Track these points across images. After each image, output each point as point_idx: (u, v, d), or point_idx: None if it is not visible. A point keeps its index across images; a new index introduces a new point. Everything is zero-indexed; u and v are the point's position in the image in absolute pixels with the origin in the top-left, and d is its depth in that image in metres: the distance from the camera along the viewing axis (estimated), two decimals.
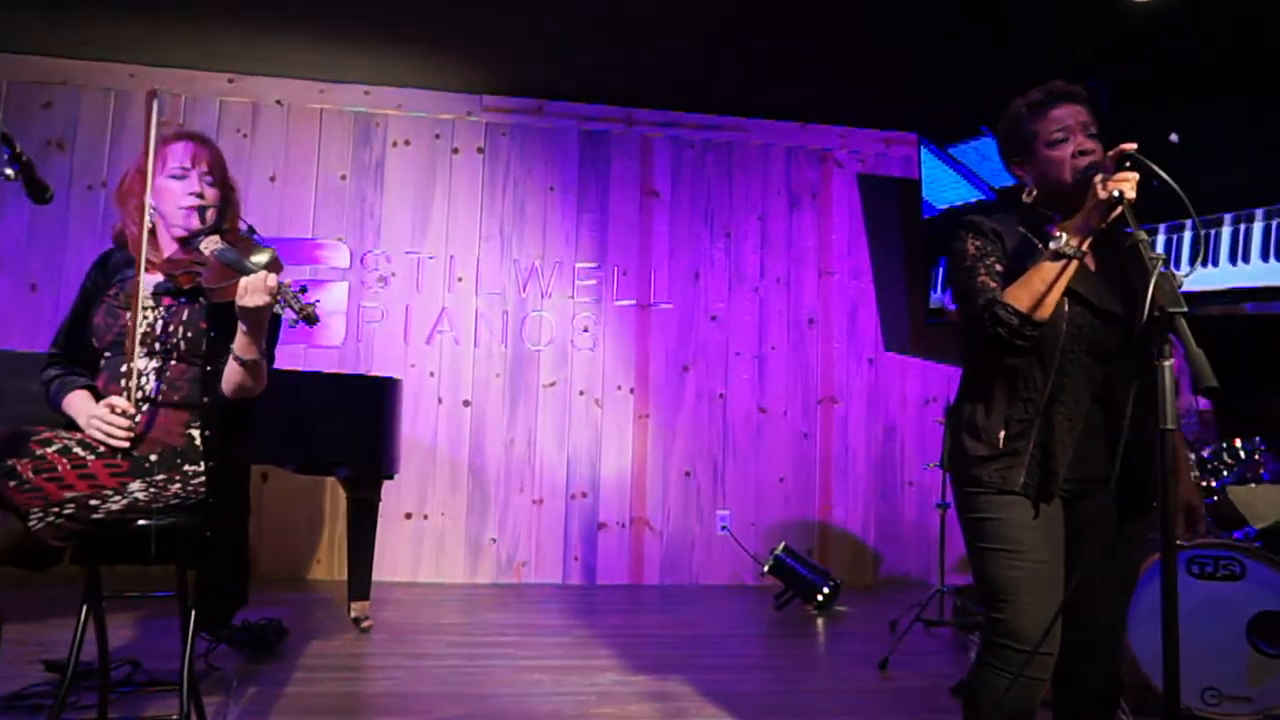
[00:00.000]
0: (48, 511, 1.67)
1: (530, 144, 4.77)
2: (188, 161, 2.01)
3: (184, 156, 2.01)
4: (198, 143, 2.04)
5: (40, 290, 4.41)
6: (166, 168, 2.00)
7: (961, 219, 1.72)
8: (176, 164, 2.00)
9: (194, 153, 2.02)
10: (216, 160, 2.06)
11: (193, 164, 2.01)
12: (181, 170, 2.00)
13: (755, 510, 4.76)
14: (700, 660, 3.12)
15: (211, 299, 1.89)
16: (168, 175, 2.00)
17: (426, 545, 4.51)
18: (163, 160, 2.01)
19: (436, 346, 4.59)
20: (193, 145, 2.03)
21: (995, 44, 3.94)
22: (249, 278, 1.79)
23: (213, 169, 2.04)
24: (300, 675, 2.80)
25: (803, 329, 4.89)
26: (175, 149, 2.02)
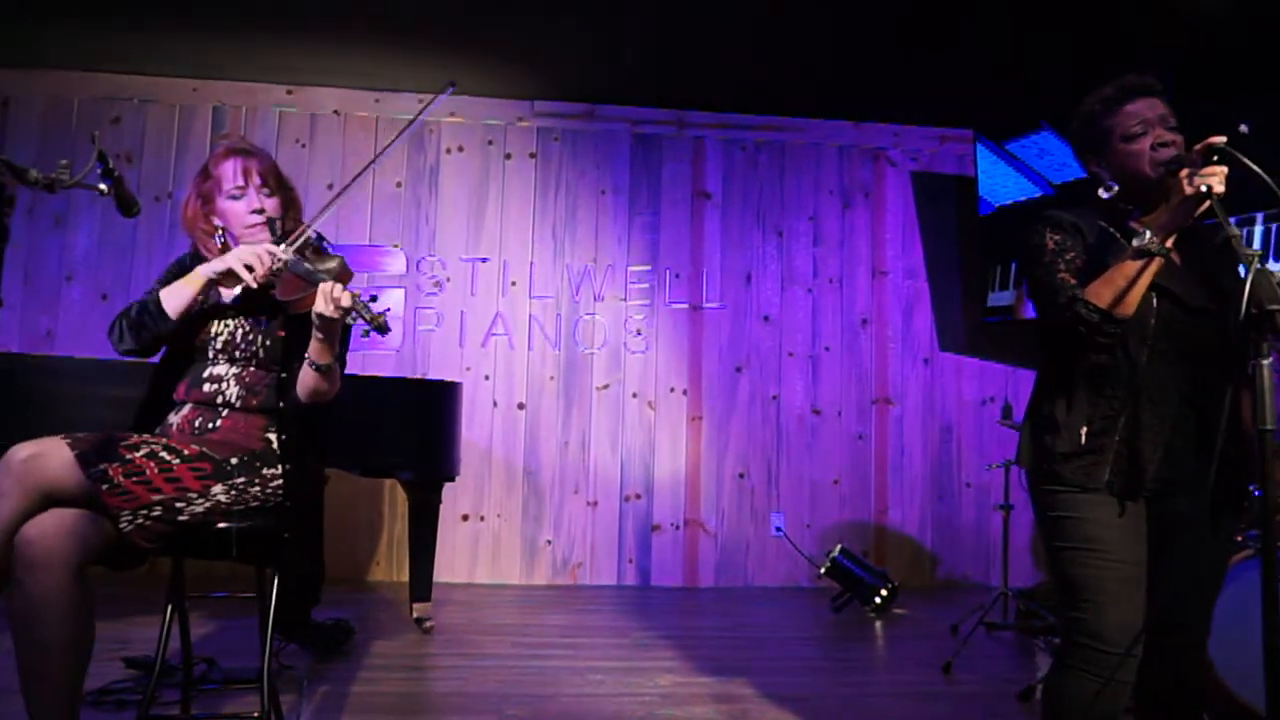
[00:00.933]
0: (137, 514, 1.72)
1: (582, 148, 4.80)
2: (240, 179, 2.03)
3: (236, 175, 2.03)
4: (244, 156, 2.05)
5: (111, 299, 4.54)
6: (223, 190, 2.03)
7: (1040, 213, 1.69)
8: (231, 184, 2.03)
9: (244, 167, 2.04)
10: (268, 168, 2.08)
11: (246, 180, 2.03)
12: (238, 189, 2.03)
13: (810, 512, 4.74)
14: (761, 662, 3.11)
15: (290, 311, 1.94)
16: (226, 197, 2.03)
17: (483, 547, 4.56)
18: (217, 182, 2.04)
19: (491, 350, 4.64)
20: (240, 160, 2.04)
21: (1054, 38, 3.87)
22: (323, 290, 1.82)
23: (266, 178, 2.06)
24: (367, 674, 2.85)
25: (856, 329, 4.85)
26: (225, 169, 2.03)
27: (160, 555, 1.82)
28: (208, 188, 2.04)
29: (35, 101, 4.60)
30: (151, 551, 1.78)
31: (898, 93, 4.58)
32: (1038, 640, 3.45)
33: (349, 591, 4.13)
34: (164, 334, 1.96)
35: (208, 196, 2.04)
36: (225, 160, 2.03)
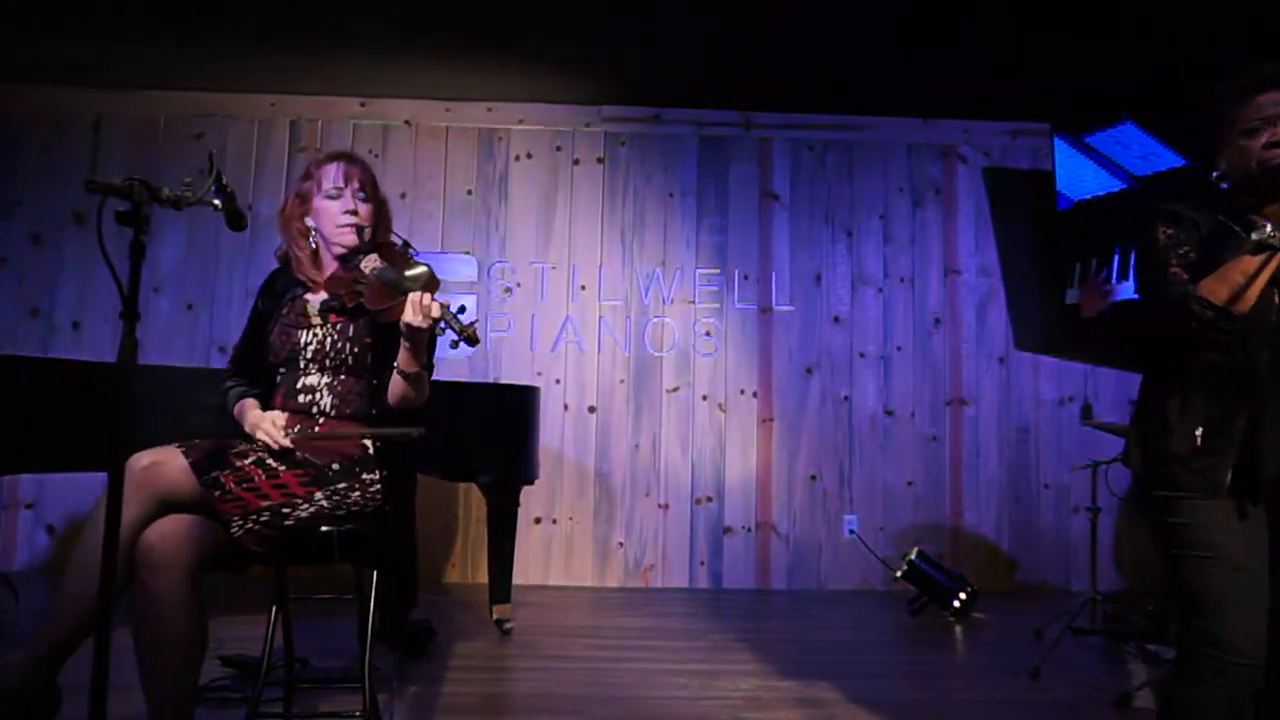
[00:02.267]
0: (246, 519, 1.78)
1: (649, 152, 4.82)
2: (340, 181, 2.11)
3: (337, 177, 2.11)
4: (348, 162, 2.13)
5: (196, 309, 4.71)
6: (321, 189, 2.11)
7: (1159, 207, 1.63)
8: (330, 184, 2.10)
9: (345, 172, 2.11)
10: (367, 177, 2.15)
11: (345, 183, 2.11)
12: (335, 190, 2.10)
13: (883, 514, 4.68)
14: (843, 666, 3.08)
15: (378, 320, 1.99)
16: (323, 196, 2.11)
17: (556, 549, 4.61)
18: (317, 182, 2.12)
19: (561, 354, 4.69)
20: (344, 165, 2.12)
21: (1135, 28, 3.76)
22: (412, 299, 1.86)
23: (364, 186, 2.13)
24: (452, 675, 2.90)
25: (929, 329, 4.78)
26: (328, 170, 2.12)
27: (266, 560, 1.88)
28: (307, 187, 2.11)
29: (124, 120, 4.79)
30: (259, 555, 1.84)
31: (969, 88, 4.50)
32: (1127, 646, 3.36)
33: (426, 593, 4.18)
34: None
35: (305, 195, 2.11)
36: (328, 163, 2.11)
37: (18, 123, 4.74)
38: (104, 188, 1.35)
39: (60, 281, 4.71)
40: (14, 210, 4.71)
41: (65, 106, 4.75)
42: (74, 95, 4.75)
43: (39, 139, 4.75)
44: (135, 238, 1.34)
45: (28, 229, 4.71)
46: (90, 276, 4.70)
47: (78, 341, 4.68)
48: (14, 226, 4.71)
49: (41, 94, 4.73)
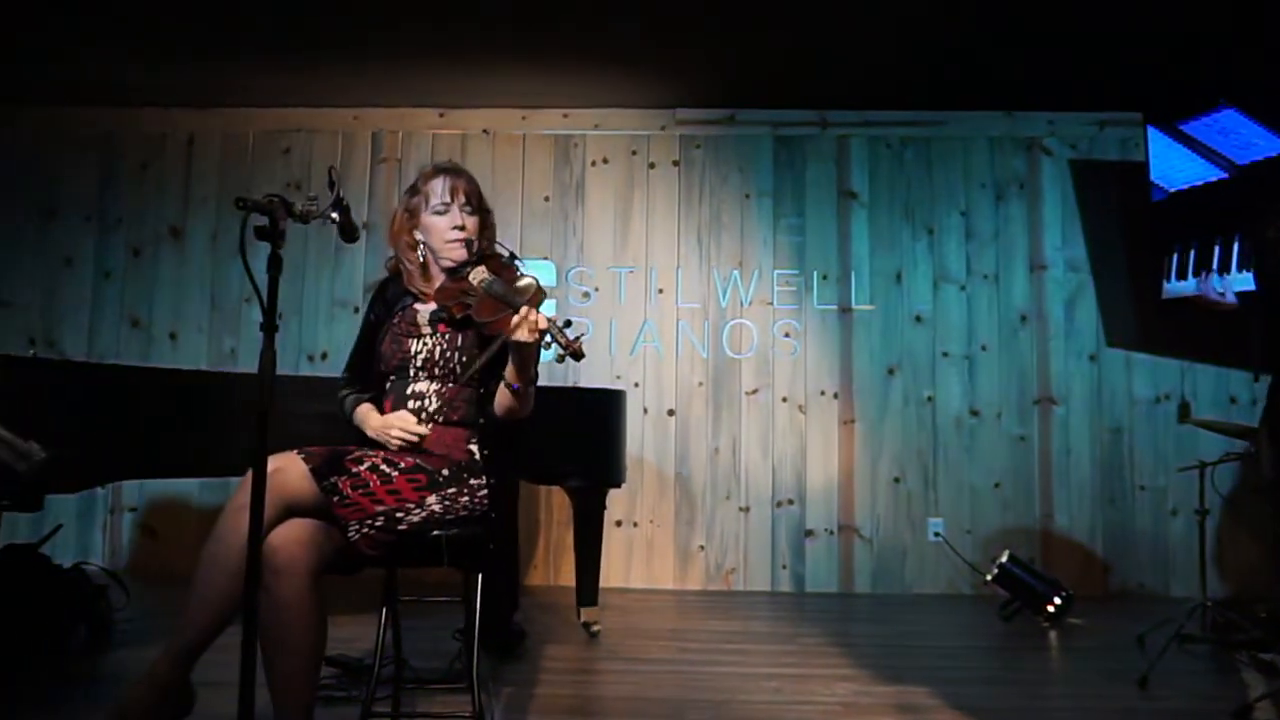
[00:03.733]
0: (363, 524, 1.83)
1: (724, 153, 4.81)
2: (447, 196, 2.14)
3: (444, 192, 2.14)
4: (453, 175, 2.17)
5: (285, 319, 4.84)
6: (429, 204, 2.15)
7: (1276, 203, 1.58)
8: (438, 200, 2.14)
9: (452, 185, 2.15)
10: (473, 189, 2.19)
11: (452, 197, 2.14)
12: (443, 205, 2.14)
13: (970, 517, 4.58)
14: (940, 672, 3.02)
15: (485, 332, 2.02)
16: (431, 212, 2.15)
17: (637, 552, 4.62)
18: (425, 197, 2.16)
19: (640, 358, 4.70)
20: (449, 178, 2.16)
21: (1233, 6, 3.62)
22: (519, 316, 1.87)
23: (470, 199, 2.17)
24: (545, 677, 2.92)
25: (1015, 327, 4.66)
26: (435, 185, 2.15)
27: (380, 563, 1.93)
28: (415, 203, 2.15)
29: (215, 137, 4.96)
30: (373, 559, 1.88)
31: (1053, 79, 4.38)
32: (1239, 655, 3.22)
33: None
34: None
35: (414, 211, 2.15)
36: (435, 178, 2.14)
37: (118, 143, 4.96)
38: (251, 205, 1.40)
39: (157, 293, 4.90)
40: (116, 226, 4.93)
41: (161, 126, 4.95)
42: (168, 115, 4.94)
43: (137, 158, 4.96)
44: (273, 252, 1.38)
45: (128, 243, 4.92)
46: (185, 288, 4.89)
47: (174, 351, 4.87)
48: (115, 241, 4.92)
49: (139, 115, 4.94)
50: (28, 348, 4.84)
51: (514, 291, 1.98)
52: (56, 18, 3.95)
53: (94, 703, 2.57)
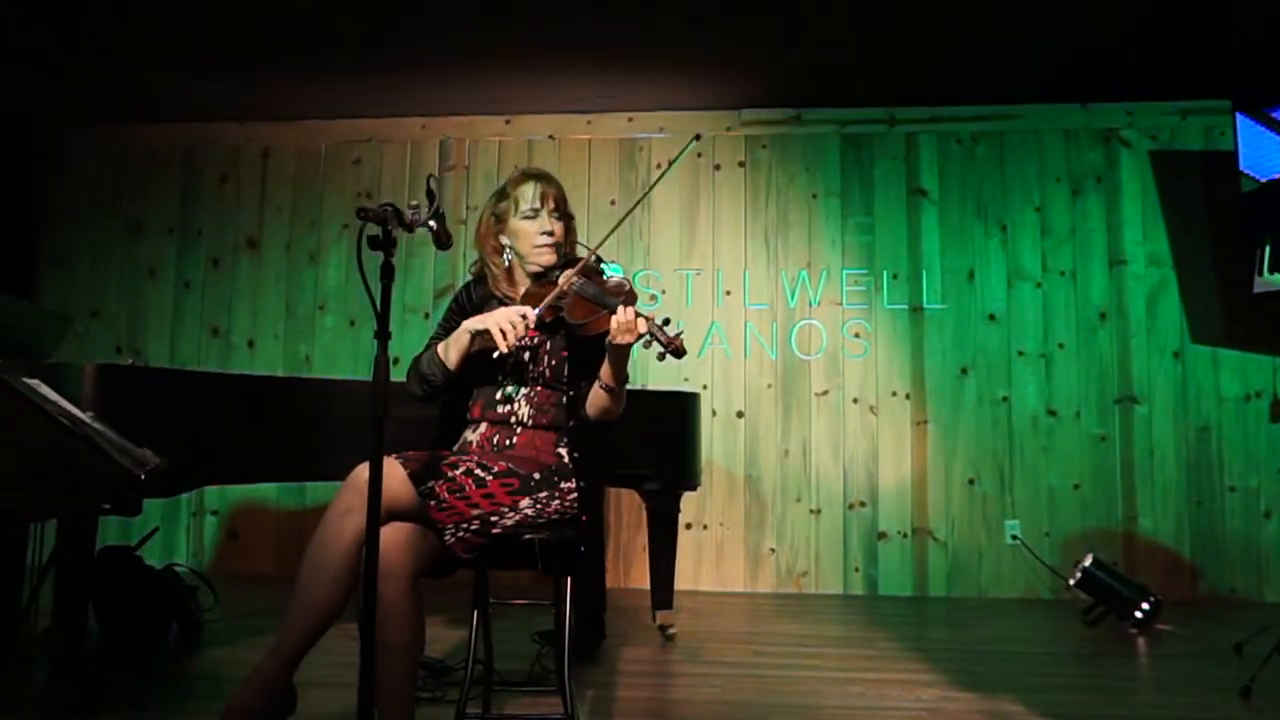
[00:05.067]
0: (458, 528, 1.86)
1: (790, 153, 4.78)
2: (537, 202, 2.17)
3: (534, 197, 2.17)
4: (543, 182, 2.20)
5: (358, 325, 4.95)
6: (518, 209, 2.18)
7: None
8: (527, 205, 2.17)
9: (541, 191, 2.18)
10: (561, 196, 2.22)
11: (541, 203, 2.17)
12: (532, 211, 2.17)
13: (1048, 520, 4.47)
14: (1026, 678, 2.96)
15: (578, 334, 2.03)
16: (520, 217, 2.17)
17: (707, 555, 4.61)
18: (514, 202, 2.19)
19: (708, 360, 4.69)
20: (540, 185, 2.19)
21: None
22: (620, 317, 1.88)
23: (558, 204, 2.20)
24: (625, 680, 2.93)
25: (1093, 324, 4.54)
26: (524, 190, 2.18)
27: (473, 566, 1.95)
28: (503, 207, 2.18)
29: (289, 149, 5.09)
30: (468, 562, 1.91)
31: (1132, 68, 4.26)
32: None
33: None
34: (448, 383, 2.08)
35: (501, 215, 2.18)
36: (524, 183, 2.17)
37: (198, 158, 5.12)
38: (371, 215, 1.43)
39: (235, 302, 5.04)
40: (196, 238, 5.08)
41: (238, 140, 5.10)
42: (245, 130, 5.09)
43: (215, 171, 5.11)
44: (385, 261, 1.41)
45: (207, 254, 5.07)
46: (261, 297, 5.02)
47: (252, 358, 5.00)
48: (196, 252, 5.08)
49: (218, 131, 5.09)
50: (115, 356, 5.04)
51: (606, 292, 1.99)
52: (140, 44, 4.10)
53: (189, 702, 2.66)
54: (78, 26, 4.00)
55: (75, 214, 5.15)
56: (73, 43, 4.16)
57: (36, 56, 4.30)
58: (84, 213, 5.14)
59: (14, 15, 3.86)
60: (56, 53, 4.27)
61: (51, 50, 4.24)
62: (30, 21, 3.92)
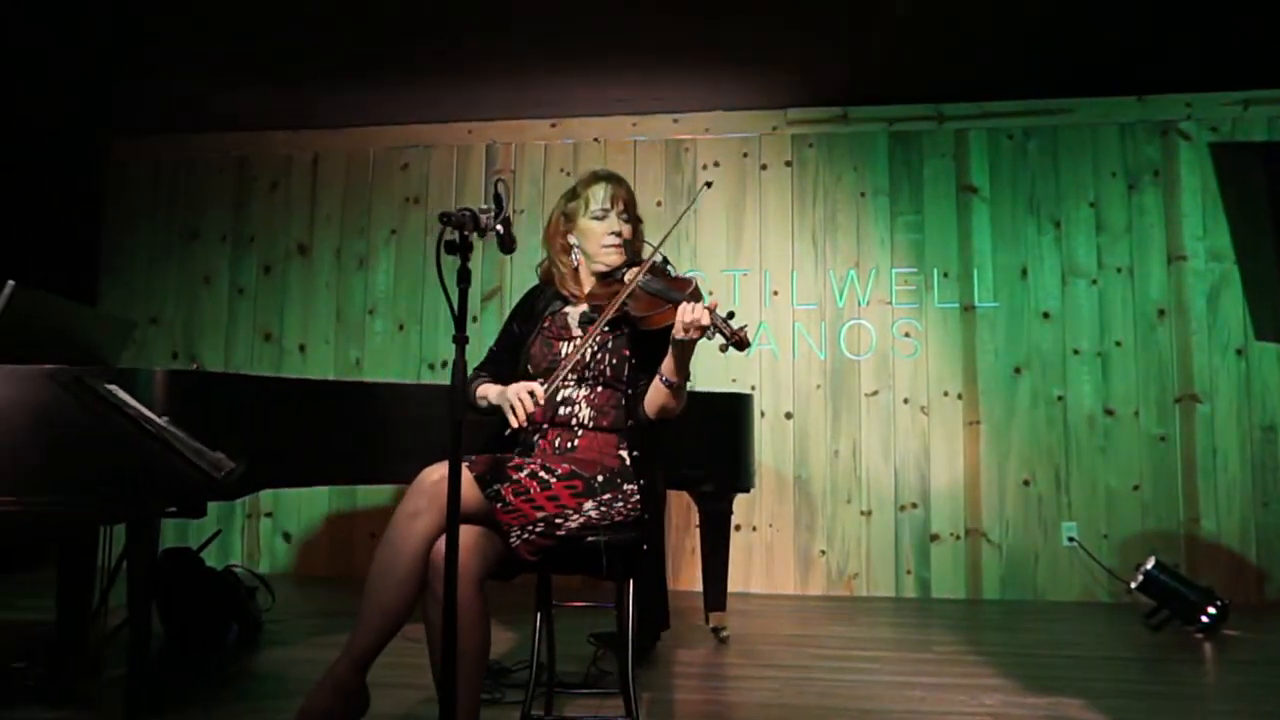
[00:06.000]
0: (524, 530, 1.86)
1: (838, 152, 4.74)
2: (607, 203, 2.18)
3: (604, 199, 2.18)
4: (614, 184, 2.21)
5: (406, 329, 5.00)
6: (588, 209, 2.19)
7: None
8: (597, 206, 2.18)
9: (612, 193, 2.19)
10: (630, 198, 2.22)
11: (611, 204, 2.18)
12: (602, 211, 2.17)
13: (1106, 521, 4.38)
14: (1090, 684, 2.89)
15: (640, 327, 2.03)
16: (589, 217, 2.18)
17: (757, 556, 4.58)
18: (584, 202, 2.20)
19: (756, 360, 4.67)
20: (610, 186, 2.20)
21: None
22: (687, 309, 1.88)
23: (627, 206, 2.20)
24: (680, 683, 2.92)
25: (1152, 321, 4.44)
26: (594, 191, 2.19)
27: (537, 569, 1.96)
28: (572, 207, 2.19)
29: (338, 156, 5.16)
30: (533, 565, 1.91)
31: (1190, 58, 4.15)
32: None
33: None
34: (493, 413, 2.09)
35: (571, 215, 2.19)
36: (594, 183, 2.19)
37: (250, 166, 5.21)
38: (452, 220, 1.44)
39: (287, 308, 5.12)
40: (248, 245, 5.18)
41: (289, 148, 5.18)
42: (296, 138, 5.17)
43: (267, 178, 5.20)
44: (462, 265, 1.42)
45: (259, 261, 5.16)
46: (312, 302, 5.09)
47: (304, 362, 5.08)
48: (248, 259, 5.17)
49: (270, 139, 5.18)
50: (172, 361, 5.14)
51: (671, 286, 1.99)
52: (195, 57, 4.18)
53: (254, 701, 2.70)
54: (136, 41, 4.09)
55: (133, 222, 5.27)
56: (132, 56, 4.25)
57: (97, 70, 4.41)
58: (141, 221, 5.26)
59: (76, 31, 3.96)
60: (116, 66, 4.37)
61: (111, 64, 4.34)
62: (91, 37, 4.02)
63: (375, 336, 5.04)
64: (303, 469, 2.67)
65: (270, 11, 3.81)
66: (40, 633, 3.25)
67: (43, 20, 3.85)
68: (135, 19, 3.88)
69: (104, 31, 4.00)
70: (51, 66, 4.36)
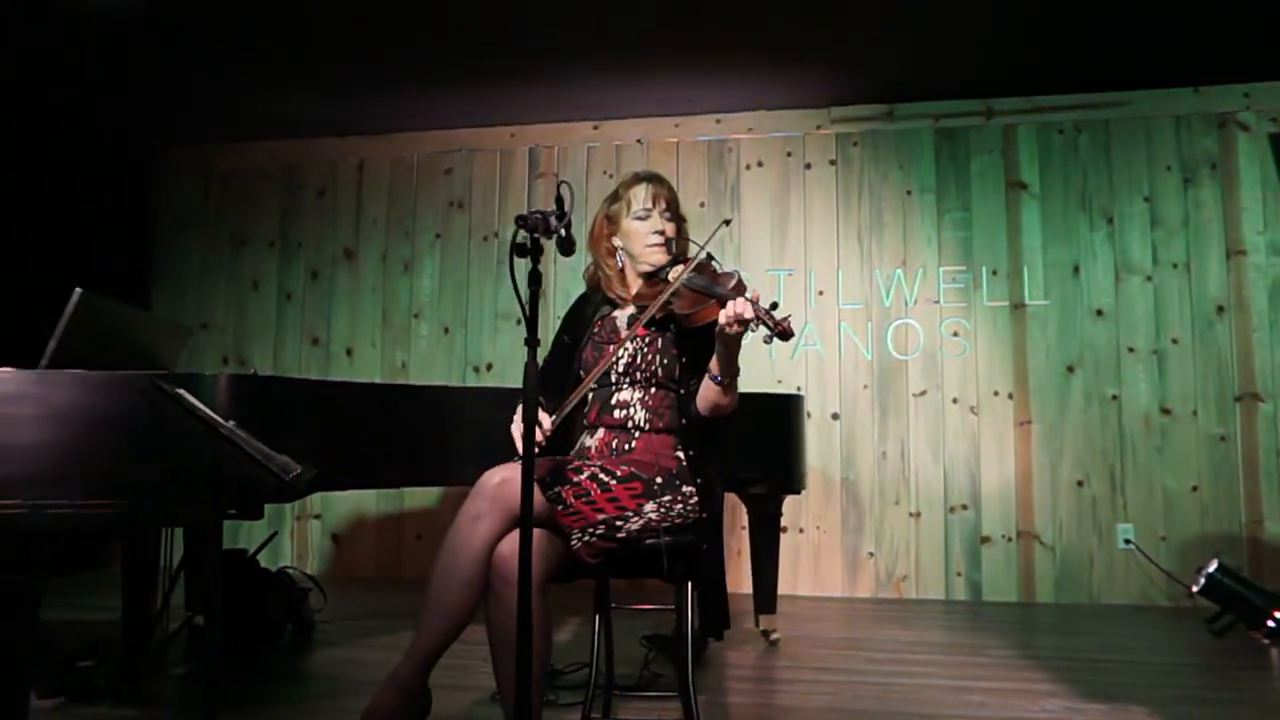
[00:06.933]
0: (585, 533, 1.86)
1: (883, 149, 4.69)
2: (649, 203, 2.17)
3: (646, 199, 2.17)
4: (656, 184, 2.20)
5: (451, 332, 5.04)
6: (630, 210, 2.18)
7: None
8: (640, 206, 2.17)
9: (654, 193, 2.18)
10: (672, 197, 2.21)
11: (653, 204, 2.17)
12: (645, 211, 2.17)
13: (1164, 523, 4.28)
14: (1152, 690, 2.83)
15: (685, 324, 2.02)
16: (632, 217, 2.18)
17: (804, 559, 4.55)
18: (626, 204, 2.19)
19: (802, 361, 4.63)
20: (652, 186, 2.19)
21: None
22: (731, 303, 1.86)
23: (670, 206, 2.19)
24: (733, 686, 2.90)
25: (1210, 318, 4.33)
26: (637, 192, 2.19)
27: (598, 572, 1.95)
28: (615, 209, 2.19)
29: (383, 161, 5.22)
30: (594, 568, 1.91)
31: (1248, 46, 4.05)
32: None
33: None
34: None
35: (614, 217, 2.19)
36: (636, 185, 2.18)
37: (297, 173, 5.29)
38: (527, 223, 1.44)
39: (334, 312, 5.19)
40: (296, 250, 5.25)
41: (334, 155, 5.25)
42: (341, 144, 5.24)
43: (314, 185, 5.27)
44: (533, 268, 1.42)
45: (307, 266, 5.23)
46: (359, 307, 5.15)
47: (351, 366, 5.14)
48: (296, 265, 5.25)
49: (316, 146, 5.25)
50: (223, 366, 5.23)
51: (715, 282, 1.98)
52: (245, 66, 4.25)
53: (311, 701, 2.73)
54: (189, 52, 4.16)
55: (185, 229, 5.37)
56: (184, 68, 4.33)
57: (150, 80, 4.50)
58: (193, 229, 5.36)
59: (130, 43, 4.04)
60: (169, 76, 4.46)
61: (164, 74, 4.42)
62: (144, 48, 4.11)
63: (420, 340, 5.08)
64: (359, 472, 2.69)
65: (315, 21, 3.86)
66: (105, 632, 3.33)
67: (100, 33, 3.94)
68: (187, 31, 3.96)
69: (159, 44, 4.08)
70: (107, 78, 4.46)
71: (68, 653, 2.79)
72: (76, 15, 3.76)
